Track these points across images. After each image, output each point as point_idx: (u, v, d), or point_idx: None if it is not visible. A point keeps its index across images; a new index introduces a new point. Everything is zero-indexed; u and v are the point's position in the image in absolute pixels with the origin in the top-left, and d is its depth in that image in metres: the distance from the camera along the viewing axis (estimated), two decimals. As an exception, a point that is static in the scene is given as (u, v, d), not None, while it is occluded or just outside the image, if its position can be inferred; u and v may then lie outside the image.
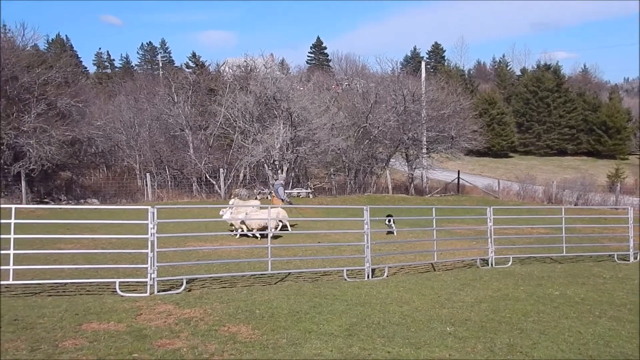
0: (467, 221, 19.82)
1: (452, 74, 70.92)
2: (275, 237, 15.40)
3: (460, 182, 37.80)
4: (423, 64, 43.85)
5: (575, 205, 31.96)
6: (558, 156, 72.28)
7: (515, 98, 76.83)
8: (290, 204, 20.68)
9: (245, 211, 16.91)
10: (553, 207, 27.42)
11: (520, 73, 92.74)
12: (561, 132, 72.71)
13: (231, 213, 16.68)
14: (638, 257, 15.35)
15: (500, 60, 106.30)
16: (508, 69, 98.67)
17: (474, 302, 9.67)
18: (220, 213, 16.88)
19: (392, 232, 17.25)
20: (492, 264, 13.72)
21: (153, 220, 9.96)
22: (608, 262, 14.90)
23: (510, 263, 13.95)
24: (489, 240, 13.95)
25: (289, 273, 11.92)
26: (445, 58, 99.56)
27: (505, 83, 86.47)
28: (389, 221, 17.45)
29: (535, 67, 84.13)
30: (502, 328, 8.13)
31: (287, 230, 17.43)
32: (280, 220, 17.10)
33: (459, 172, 38.10)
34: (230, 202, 19.19)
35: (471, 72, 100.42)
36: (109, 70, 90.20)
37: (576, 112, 73.55)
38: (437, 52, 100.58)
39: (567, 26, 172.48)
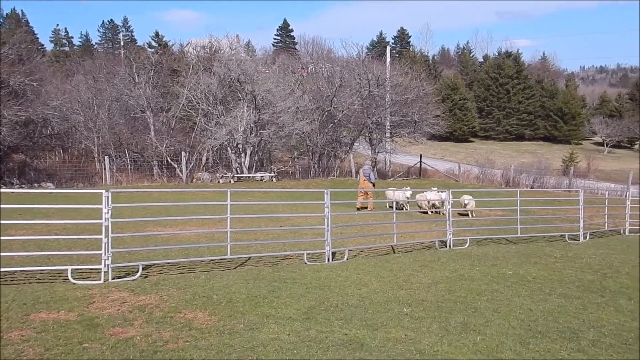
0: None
1: (417, 60, 71.51)
2: (236, 221, 15.21)
3: (422, 166, 38.29)
4: (388, 48, 43.82)
5: (531, 187, 32.78)
6: (516, 141, 74.25)
7: (477, 84, 78.16)
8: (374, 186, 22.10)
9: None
10: (510, 189, 27.96)
11: (482, 60, 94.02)
12: (520, 118, 74.59)
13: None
14: (587, 237, 16.01)
15: (464, 47, 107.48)
16: (471, 55, 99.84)
17: (431, 283, 9.74)
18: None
19: None
20: (450, 246, 13.86)
21: (107, 205, 9.63)
22: (560, 242, 15.36)
23: (467, 244, 14.10)
24: (448, 222, 14.13)
25: (249, 257, 11.77)
26: (411, 44, 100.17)
27: (467, 69, 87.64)
28: None
29: (497, 54, 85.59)
30: (457, 307, 8.24)
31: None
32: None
33: (421, 156, 38.62)
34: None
35: (435, 57, 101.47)
36: (67, 48, 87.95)
37: (534, 99, 75.46)
38: (402, 37, 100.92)
39: (534, 15, 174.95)
